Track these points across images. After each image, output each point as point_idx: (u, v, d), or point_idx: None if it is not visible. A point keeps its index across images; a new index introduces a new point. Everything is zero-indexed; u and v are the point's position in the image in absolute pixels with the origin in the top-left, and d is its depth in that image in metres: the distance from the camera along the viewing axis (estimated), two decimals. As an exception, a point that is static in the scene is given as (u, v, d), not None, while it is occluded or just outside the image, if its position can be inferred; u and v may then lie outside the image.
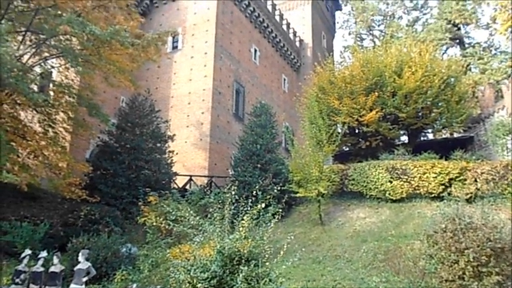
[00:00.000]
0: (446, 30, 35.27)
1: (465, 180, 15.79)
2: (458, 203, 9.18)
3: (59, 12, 14.22)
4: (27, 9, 14.10)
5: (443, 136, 28.63)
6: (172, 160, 19.82)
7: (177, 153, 20.72)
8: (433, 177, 16.12)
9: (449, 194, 15.61)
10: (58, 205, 15.45)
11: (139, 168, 17.88)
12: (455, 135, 28.55)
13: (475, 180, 15.69)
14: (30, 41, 15.20)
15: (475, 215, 8.42)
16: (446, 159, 17.44)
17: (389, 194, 16.48)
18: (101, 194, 16.38)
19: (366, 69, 21.61)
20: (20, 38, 14.88)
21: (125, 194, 17.00)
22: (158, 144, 19.27)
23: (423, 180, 16.27)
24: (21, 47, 14.81)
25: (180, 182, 21.54)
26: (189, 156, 25.08)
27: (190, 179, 22.39)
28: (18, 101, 14.44)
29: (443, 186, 15.96)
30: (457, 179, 15.89)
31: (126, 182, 17.22)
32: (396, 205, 16.17)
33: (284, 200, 12.42)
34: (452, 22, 35.46)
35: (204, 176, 23.41)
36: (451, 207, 8.78)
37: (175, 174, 20.21)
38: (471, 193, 15.50)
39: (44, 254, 10.61)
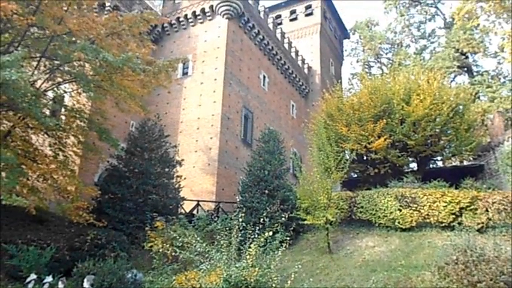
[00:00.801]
0: (454, 59, 35.46)
1: (476, 209, 15.53)
2: (469, 234, 9.02)
3: (74, 39, 14.61)
4: (42, 36, 14.48)
5: (453, 164, 28.37)
6: (180, 185, 19.82)
7: (185, 178, 20.73)
8: (443, 206, 15.88)
9: (459, 223, 15.34)
10: (65, 229, 15.42)
11: (147, 193, 17.88)
12: (465, 163, 28.29)
13: (486, 210, 15.42)
14: (45, 66, 15.54)
15: (487, 246, 8.25)
16: (456, 188, 17.22)
17: (398, 222, 16.23)
18: (108, 218, 16.34)
19: (374, 96, 21.72)
20: (34, 63, 15.23)
21: (132, 218, 16.95)
22: (166, 169, 19.31)
23: (433, 209, 16.03)
24: (36, 72, 15.14)
25: (187, 207, 21.46)
26: (196, 181, 25.07)
27: (198, 204, 22.31)
28: (30, 125, 14.67)
29: (453, 216, 15.70)
30: (468, 209, 15.63)
31: (134, 206, 17.21)
32: (406, 234, 15.90)
33: (292, 228, 12.30)
34: (460, 51, 35.68)
35: (212, 201, 23.32)
36: (462, 238, 8.63)
37: (183, 199, 20.17)
38: (482, 223, 15.22)
39: (49, 279, 10.57)
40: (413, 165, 25.05)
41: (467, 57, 37.71)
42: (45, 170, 14.64)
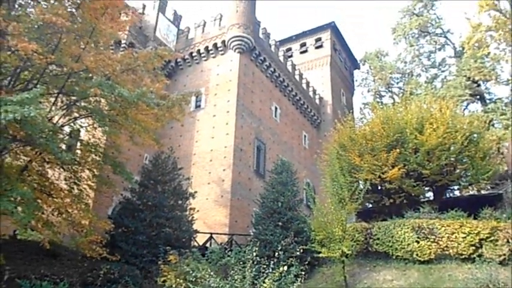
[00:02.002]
0: (466, 87, 35.31)
1: (497, 241, 15.01)
2: (490, 266, 8.70)
3: (90, 75, 15.05)
4: (60, 73, 14.94)
5: (470, 193, 27.72)
6: (193, 217, 19.74)
7: (198, 211, 20.65)
8: (462, 238, 15.43)
9: (480, 255, 14.85)
10: (78, 263, 15.39)
11: (160, 226, 17.82)
12: (483, 192, 27.63)
13: (508, 241, 14.89)
14: (62, 102, 15.95)
15: (510, 280, 7.94)
16: (474, 218, 16.79)
17: (416, 254, 15.79)
18: (121, 252, 16.27)
19: (387, 126, 21.62)
20: (52, 99, 15.65)
21: (145, 252, 16.84)
22: (179, 202, 19.31)
23: (452, 241, 15.59)
24: (53, 108, 15.54)
25: (200, 239, 21.27)
26: (210, 213, 24.95)
27: (211, 237, 22.09)
28: (47, 160, 14.92)
29: (473, 247, 15.21)
30: (488, 240, 15.13)
31: (147, 239, 17.13)
32: (425, 267, 15.42)
33: (307, 261, 12.05)
34: (471, 79, 35.57)
35: (225, 234, 23.09)
36: (484, 272, 8.33)
37: (196, 231, 20.04)
38: (504, 255, 14.65)
39: (61, 315, 10.43)
40: (430, 195, 24.55)
41: (479, 85, 37.53)
42: (60, 204, 14.75)
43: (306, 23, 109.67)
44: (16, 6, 14.40)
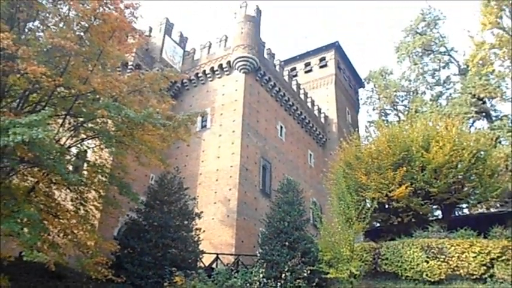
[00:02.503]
0: (471, 104, 35.23)
1: (508, 260, 14.77)
2: (502, 287, 8.51)
3: (97, 96, 15.24)
4: (68, 94, 15.15)
5: (479, 211, 27.37)
6: (199, 238, 19.61)
7: (204, 231, 20.53)
8: (473, 257, 15.19)
9: (492, 275, 14.56)
10: (83, 285, 15.30)
11: (166, 247, 17.71)
12: (492, 210, 27.25)
13: (520, 261, 14.64)
14: (69, 123, 16.13)
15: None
16: (484, 236, 16.54)
17: (426, 275, 15.52)
18: (126, 274, 16.14)
19: (393, 144, 21.56)
20: (60, 120, 15.82)
21: (151, 273, 16.70)
22: (186, 222, 19.24)
23: (462, 260, 15.34)
24: (61, 129, 15.68)
25: (206, 260, 21.06)
26: (216, 233, 24.78)
27: (217, 258, 21.87)
28: (54, 181, 14.99)
29: (484, 267, 14.95)
30: (500, 259, 14.89)
31: (153, 261, 17.00)
32: (435, 287, 15.12)
33: (315, 282, 11.87)
34: (476, 96, 35.53)
35: (231, 254, 22.86)
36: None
37: (202, 252, 19.87)
38: (516, 275, 14.40)
39: (66, 339, 10.30)
40: (438, 213, 24.26)
41: (484, 103, 37.43)
42: (66, 225, 14.75)
43: (310, 42, 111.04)
44: (26, 30, 14.75)
